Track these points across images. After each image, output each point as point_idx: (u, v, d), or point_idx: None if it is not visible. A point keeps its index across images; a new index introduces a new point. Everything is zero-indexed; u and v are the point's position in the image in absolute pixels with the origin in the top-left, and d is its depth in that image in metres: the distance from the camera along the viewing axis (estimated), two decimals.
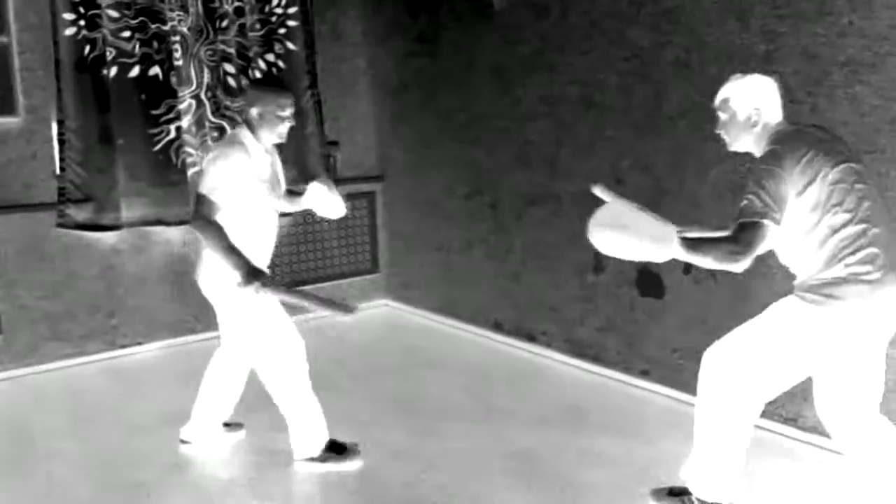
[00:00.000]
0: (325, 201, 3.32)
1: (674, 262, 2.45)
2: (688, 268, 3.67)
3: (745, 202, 2.38)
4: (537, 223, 4.49)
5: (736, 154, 2.75)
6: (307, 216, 5.38)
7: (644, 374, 3.99)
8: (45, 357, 4.57)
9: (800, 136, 2.44)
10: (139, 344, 4.85)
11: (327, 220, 5.49)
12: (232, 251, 2.91)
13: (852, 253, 2.34)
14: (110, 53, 4.55)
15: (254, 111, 3.07)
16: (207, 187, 2.96)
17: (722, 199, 3.51)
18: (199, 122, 4.88)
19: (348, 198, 5.47)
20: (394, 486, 3.07)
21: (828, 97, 3.12)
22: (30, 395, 4.22)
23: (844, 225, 2.34)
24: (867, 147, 3.00)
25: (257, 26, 5.04)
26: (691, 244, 2.38)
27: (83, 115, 4.51)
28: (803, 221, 2.38)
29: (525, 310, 4.67)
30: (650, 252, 2.34)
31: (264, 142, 3.13)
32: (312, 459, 3.21)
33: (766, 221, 2.33)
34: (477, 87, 4.78)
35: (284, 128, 3.11)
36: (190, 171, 4.83)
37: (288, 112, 3.09)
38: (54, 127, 4.49)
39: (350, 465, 3.22)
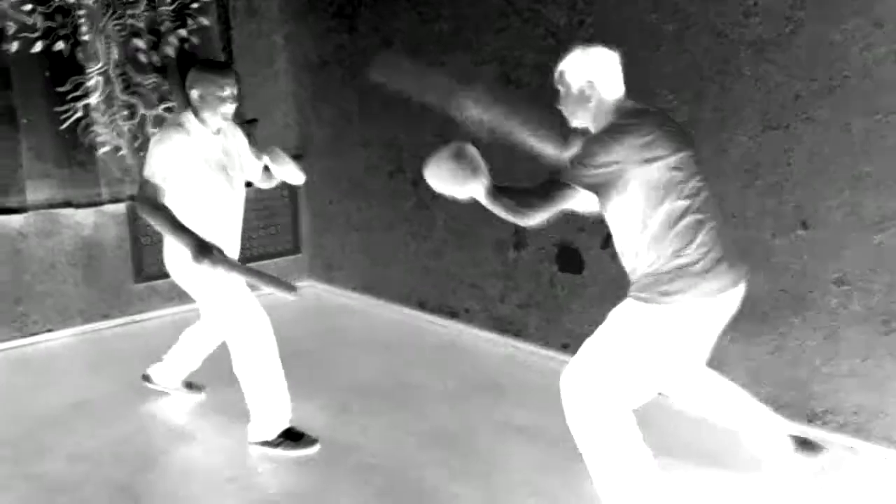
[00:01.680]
0: (282, 171, 3.33)
1: (591, 238, 2.50)
2: (605, 243, 3.74)
3: (566, 165, 2.37)
4: (458, 201, 4.49)
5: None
6: None
7: (564, 347, 4.06)
8: None
9: (645, 116, 2.34)
10: (49, 331, 4.67)
11: (249, 200, 5.39)
12: (179, 230, 2.92)
13: (687, 244, 2.30)
14: (11, 28, 4.34)
15: (194, 93, 3.05)
16: (149, 171, 2.98)
17: None
18: (108, 100, 4.70)
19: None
20: (315, 465, 3.05)
21: (735, 76, 3.21)
22: None
23: (682, 214, 2.29)
24: (773, 124, 3.11)
25: (168, 1, 4.87)
26: (496, 190, 2.40)
27: None
28: (639, 205, 2.30)
29: (447, 287, 4.68)
30: (462, 192, 2.43)
31: (210, 124, 3.09)
32: (266, 443, 3.18)
33: (574, 186, 2.31)
34: (396, 65, 4.74)
35: (227, 108, 3.07)
36: (99, 151, 4.66)
37: (228, 91, 3.05)
38: None
39: (305, 452, 3.16)
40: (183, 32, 4.96)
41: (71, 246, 4.72)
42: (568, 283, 4.00)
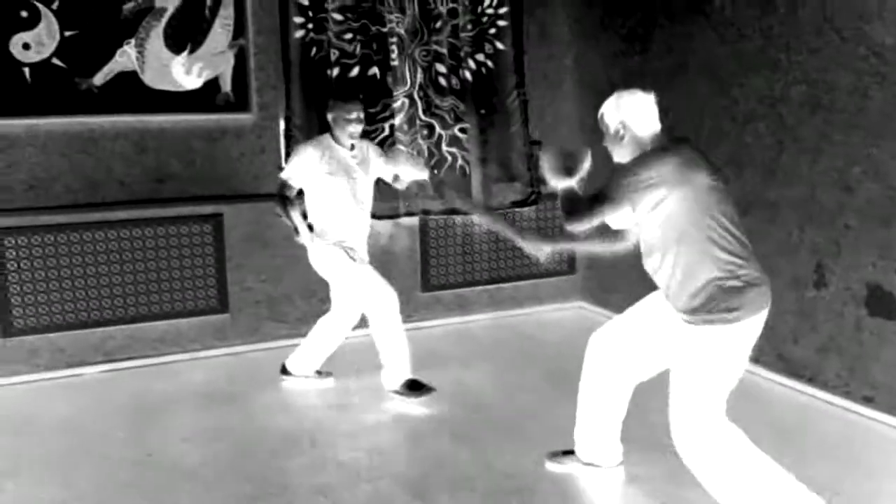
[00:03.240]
0: (403, 171, 4.16)
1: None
2: None
3: (608, 182, 2.63)
4: (751, 232, 4.24)
5: None
6: (508, 215, 5.43)
7: (867, 400, 3.66)
8: (265, 336, 4.95)
9: (678, 145, 2.63)
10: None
11: (527, 219, 5.52)
12: (287, 215, 3.80)
13: (739, 258, 2.52)
14: (334, 55, 4.84)
15: (329, 116, 3.91)
16: (284, 172, 3.90)
17: None
18: (410, 121, 5.07)
19: (548, 197, 5.53)
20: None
21: None
22: (250, 369, 4.58)
23: (726, 230, 2.53)
24: None
25: (469, 27, 5.15)
26: (568, 191, 2.81)
27: (307, 112, 4.82)
28: (680, 222, 2.52)
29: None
30: (554, 182, 2.88)
31: (342, 141, 3.90)
32: (396, 392, 3.90)
33: (613, 198, 2.57)
34: (690, 87, 4.59)
35: (353, 128, 3.86)
36: None
37: (353, 115, 3.85)
38: (282, 124, 4.84)
39: (419, 399, 3.87)
40: (480, 57, 5.21)
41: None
42: (877, 328, 3.60)
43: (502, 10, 5.23)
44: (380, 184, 4.21)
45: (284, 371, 4.28)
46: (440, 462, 3.30)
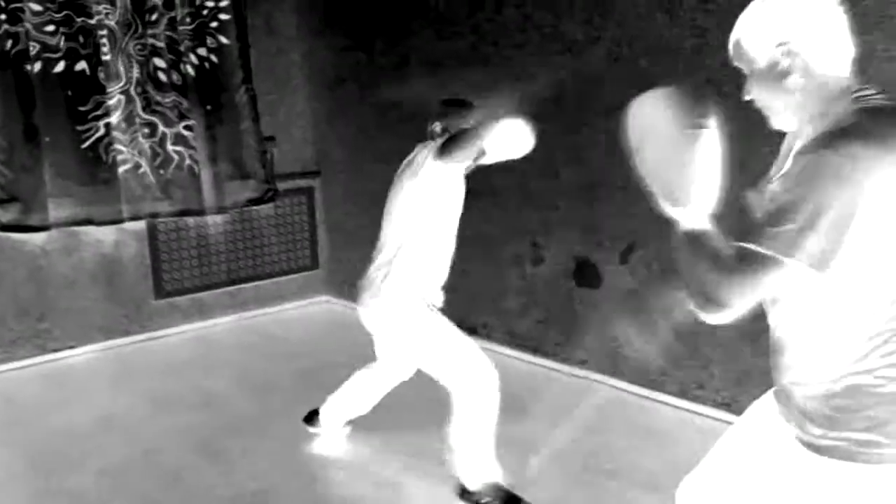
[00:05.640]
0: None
1: (608, 253, 2.48)
2: (624, 257, 3.75)
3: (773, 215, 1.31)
4: (478, 215, 4.52)
5: None
6: (244, 213, 5.31)
7: (582, 363, 4.06)
8: None
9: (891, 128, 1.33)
10: (71, 347, 4.71)
11: (265, 216, 5.44)
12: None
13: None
14: (34, 48, 4.40)
15: (437, 127, 3.11)
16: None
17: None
18: (129, 119, 4.76)
19: (286, 194, 5.49)
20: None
21: None
22: None
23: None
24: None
25: (188, 20, 4.93)
26: (694, 243, 1.41)
27: (7, 112, 4.35)
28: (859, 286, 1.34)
29: (466, 303, 4.69)
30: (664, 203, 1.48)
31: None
32: (470, 495, 2.87)
33: (788, 261, 1.29)
34: (413, 82, 4.78)
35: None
36: (121, 169, 4.71)
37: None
38: None
39: None
40: (202, 51, 5.02)
41: (92, 263, 4.77)
42: (586, 298, 4.00)
43: (223, 4, 5.07)
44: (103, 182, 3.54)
45: (311, 421, 3.40)
46: (177, 476, 3.16)
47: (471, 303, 4.64)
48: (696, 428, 3.42)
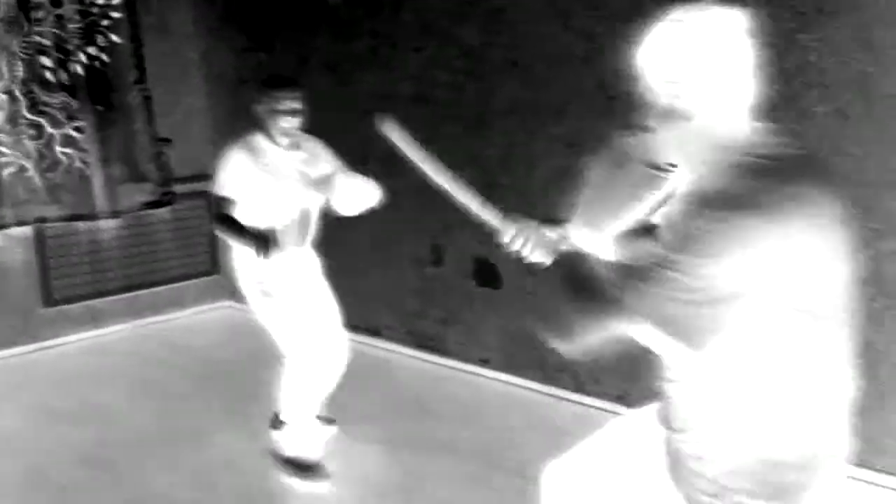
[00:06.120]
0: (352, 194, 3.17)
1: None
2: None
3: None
4: (376, 218, 4.52)
5: (571, 146, 2.80)
6: (141, 218, 5.15)
7: (483, 362, 4.12)
8: None
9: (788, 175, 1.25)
10: None
11: (162, 221, 5.29)
12: (238, 232, 2.93)
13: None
14: None
15: (258, 109, 3.09)
16: (215, 186, 3.08)
17: (549, 193, 3.68)
18: (13, 119, 4.55)
19: (183, 197, 5.34)
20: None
21: None
22: None
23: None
24: None
25: (77, 17, 4.75)
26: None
27: None
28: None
29: (366, 305, 4.69)
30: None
31: (277, 139, 3.09)
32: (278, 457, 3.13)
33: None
34: (313, 83, 4.74)
35: (286, 122, 3.05)
36: (5, 172, 4.50)
37: (285, 105, 3.04)
38: None
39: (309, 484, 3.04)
40: (92, 50, 4.84)
41: None
42: (486, 297, 4.07)
43: (115, 2, 4.91)
44: None
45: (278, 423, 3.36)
46: (64, 490, 3.04)
47: (371, 304, 4.64)
48: (594, 422, 3.51)
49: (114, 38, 4.93)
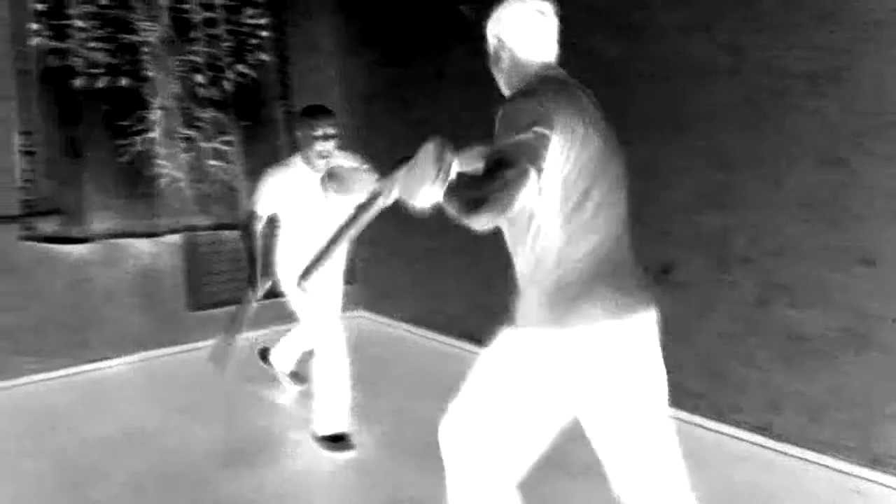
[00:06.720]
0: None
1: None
2: (666, 269, 3.67)
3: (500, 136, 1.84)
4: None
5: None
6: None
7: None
8: (9, 373, 4.50)
9: (565, 88, 1.89)
10: (106, 358, 4.79)
11: None
12: (248, 258, 3.49)
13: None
14: (78, 64, 4.51)
15: (297, 134, 3.39)
16: (251, 200, 3.46)
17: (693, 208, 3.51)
18: (168, 134, 4.84)
19: None
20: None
21: (796, 108, 3.13)
22: None
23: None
24: (831, 159, 3.01)
25: (229, 37, 5.01)
26: (454, 183, 1.88)
27: (49, 126, 4.46)
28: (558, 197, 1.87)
29: (496, 319, 4.63)
30: (426, 197, 1.93)
31: (315, 161, 3.33)
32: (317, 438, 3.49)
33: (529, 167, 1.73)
34: (448, 96, 4.77)
35: (321, 146, 3.29)
36: (160, 183, 4.79)
37: (320, 132, 3.28)
38: (17, 138, 4.43)
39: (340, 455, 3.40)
40: (242, 68, 5.09)
41: (130, 275, 4.85)
42: None
43: (263, 21, 5.15)
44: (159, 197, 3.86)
45: (263, 356, 4.29)
46: (200, 487, 3.16)
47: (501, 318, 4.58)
48: (730, 452, 3.32)
49: (262, 56, 5.16)
